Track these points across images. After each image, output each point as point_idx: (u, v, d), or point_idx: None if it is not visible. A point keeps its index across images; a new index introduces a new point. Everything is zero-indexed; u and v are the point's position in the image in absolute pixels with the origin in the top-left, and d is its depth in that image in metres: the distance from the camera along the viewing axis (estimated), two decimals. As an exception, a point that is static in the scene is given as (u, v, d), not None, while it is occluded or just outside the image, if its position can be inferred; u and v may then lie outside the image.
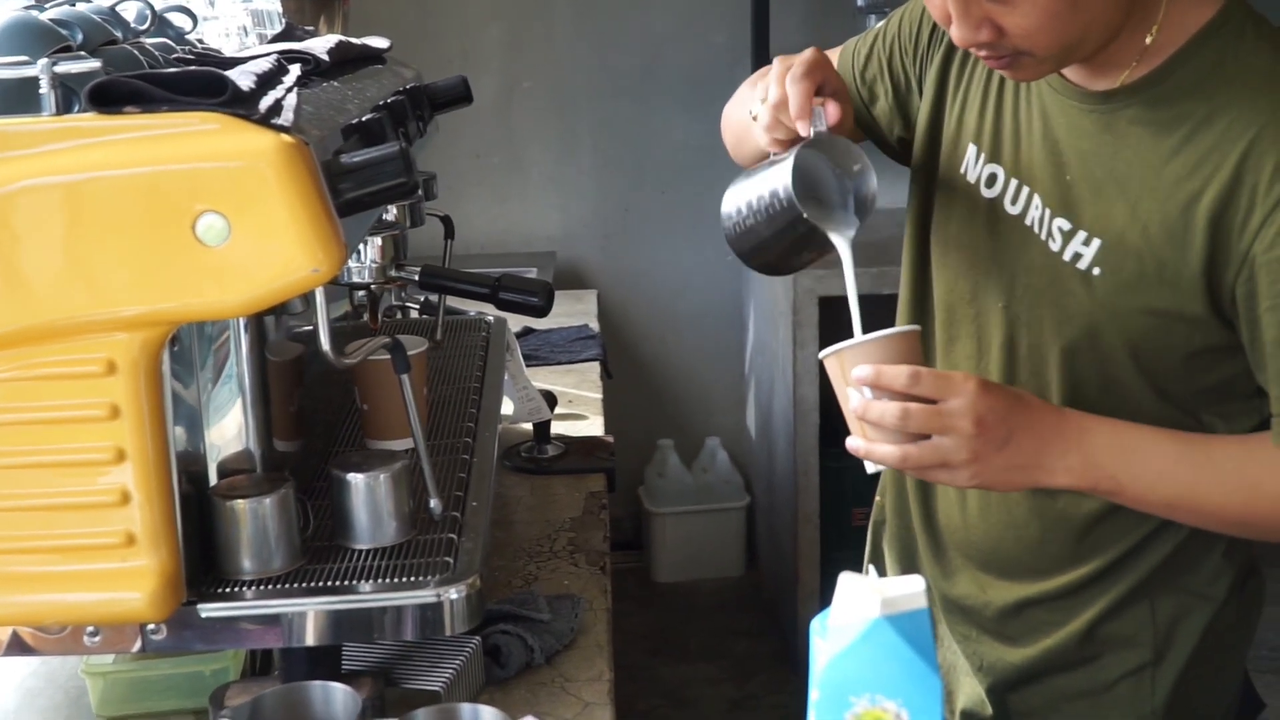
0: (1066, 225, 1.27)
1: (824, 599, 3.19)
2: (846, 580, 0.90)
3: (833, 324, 3.12)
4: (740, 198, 1.32)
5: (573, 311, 2.98)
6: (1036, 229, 1.30)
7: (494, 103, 3.56)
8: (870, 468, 1.20)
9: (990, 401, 1.16)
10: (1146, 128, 1.22)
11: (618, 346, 3.52)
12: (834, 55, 1.52)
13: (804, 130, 1.26)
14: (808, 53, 1.29)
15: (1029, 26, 1.15)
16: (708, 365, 3.85)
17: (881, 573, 1.53)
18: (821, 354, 1.21)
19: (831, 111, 1.26)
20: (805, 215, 1.25)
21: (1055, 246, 1.28)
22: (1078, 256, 1.26)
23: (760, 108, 1.30)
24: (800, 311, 3.10)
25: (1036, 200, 1.30)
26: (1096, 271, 1.25)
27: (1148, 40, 1.21)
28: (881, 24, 1.48)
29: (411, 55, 2.02)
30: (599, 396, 2.37)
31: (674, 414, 3.85)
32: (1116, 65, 1.23)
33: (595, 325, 2.90)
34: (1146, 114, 1.22)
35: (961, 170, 1.37)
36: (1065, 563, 1.35)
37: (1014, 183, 1.32)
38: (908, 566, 1.49)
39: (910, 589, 0.90)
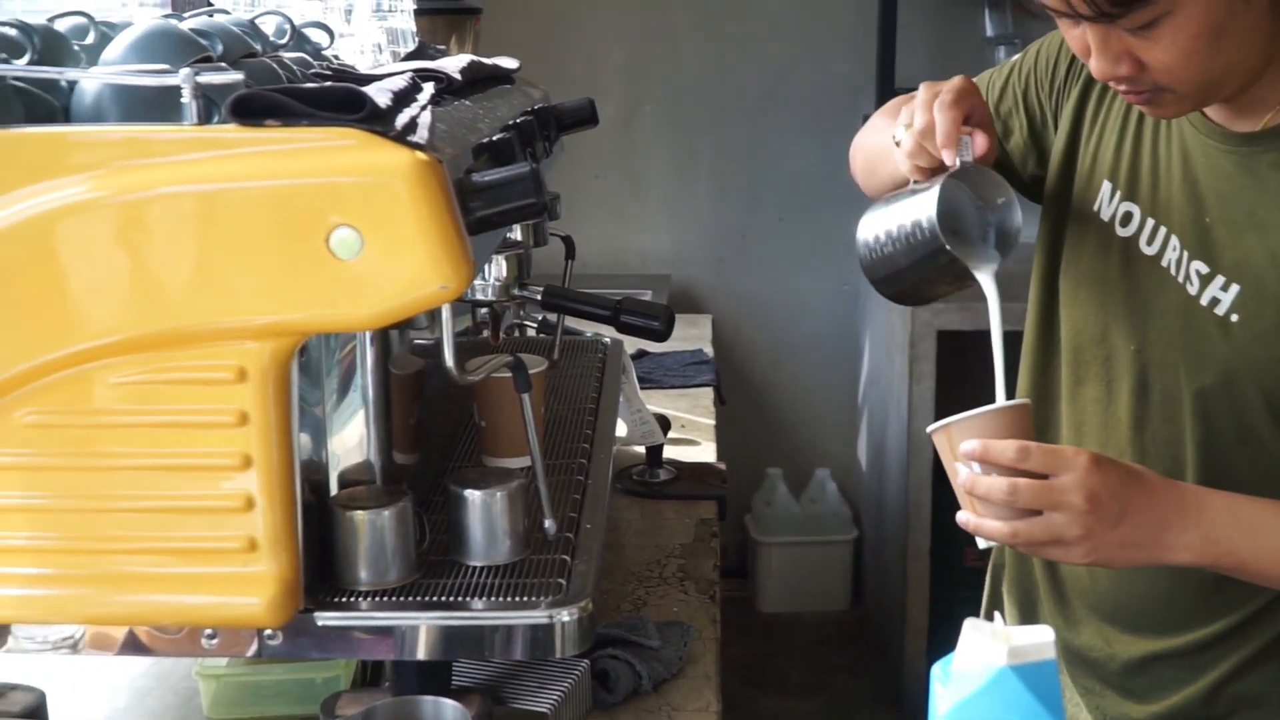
0: (1204, 269, 1.23)
1: (932, 639, 3.15)
2: (971, 626, 0.88)
3: (951, 358, 3.08)
4: (879, 225, 1.30)
5: (686, 336, 2.97)
6: (1173, 271, 1.26)
7: (615, 124, 3.58)
8: (982, 544, 1.17)
9: (1102, 477, 1.12)
10: None
11: (728, 371, 3.51)
12: None
13: (949, 159, 1.22)
14: (956, 80, 1.26)
15: (1169, 62, 1.13)
16: (820, 395, 3.82)
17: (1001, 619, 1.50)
18: (929, 429, 1.19)
19: (980, 142, 1.23)
20: (948, 247, 1.22)
21: (1193, 290, 1.24)
22: (1215, 301, 1.23)
23: (904, 133, 1.27)
24: (918, 345, 3.07)
25: (1174, 241, 1.26)
26: (1234, 318, 1.21)
27: None
28: (1017, 58, 1.45)
29: (537, 75, 2.04)
30: (711, 423, 2.36)
31: (784, 443, 3.83)
32: (1260, 107, 1.20)
33: (709, 350, 2.89)
34: None
35: (1095, 207, 1.34)
36: (1195, 619, 1.31)
37: (1150, 222, 1.29)
38: (1028, 613, 1.45)
39: (1038, 639, 0.87)
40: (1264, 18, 1.13)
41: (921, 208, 1.24)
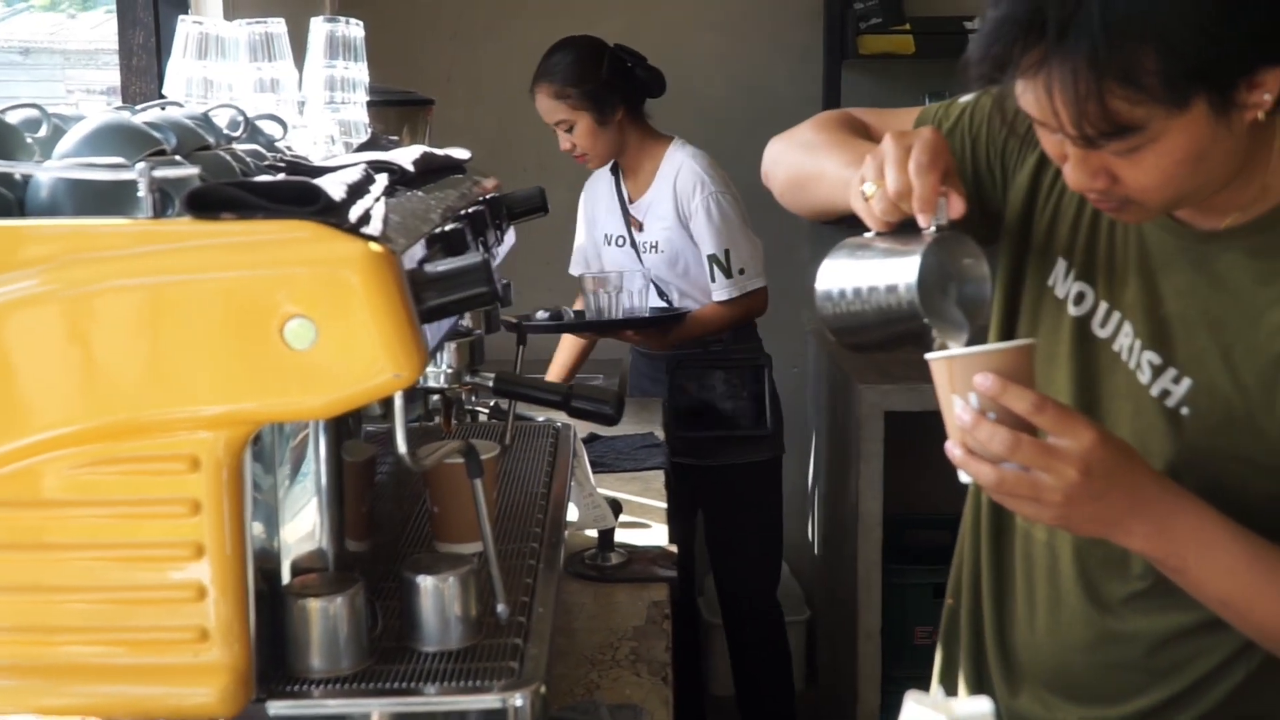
0: (1157, 360, 1.25)
1: (884, 719, 3.15)
2: (913, 699, 0.90)
3: (898, 438, 3.11)
4: (847, 280, 1.25)
5: (638, 418, 2.99)
6: (1125, 357, 1.28)
7: (564, 211, 3.61)
8: (964, 478, 1.17)
9: (1102, 454, 1.13)
10: (1246, 274, 1.21)
11: (680, 455, 3.52)
12: (909, 116, 1.48)
13: (924, 223, 1.20)
14: (927, 135, 1.22)
15: (1147, 183, 1.14)
16: (770, 477, 3.84)
17: (954, 686, 1.51)
18: (929, 355, 1.17)
19: (956, 205, 1.21)
20: (926, 321, 1.20)
21: (1144, 379, 1.26)
22: (1166, 394, 1.24)
23: (874, 190, 1.23)
24: (865, 426, 3.10)
25: (1128, 328, 1.28)
26: (1185, 411, 1.23)
27: (1259, 188, 1.19)
28: (968, 101, 1.41)
29: (487, 164, 2.07)
30: (663, 506, 2.37)
31: (735, 524, 3.83)
32: (1224, 208, 1.22)
33: (660, 434, 2.90)
34: (1248, 260, 1.21)
35: (1049, 282, 1.35)
36: (1133, 690, 1.33)
37: (1104, 305, 1.30)
38: (975, 678, 1.47)
39: (977, 709, 0.89)
40: (1242, 140, 1.12)
41: (899, 275, 1.20)
